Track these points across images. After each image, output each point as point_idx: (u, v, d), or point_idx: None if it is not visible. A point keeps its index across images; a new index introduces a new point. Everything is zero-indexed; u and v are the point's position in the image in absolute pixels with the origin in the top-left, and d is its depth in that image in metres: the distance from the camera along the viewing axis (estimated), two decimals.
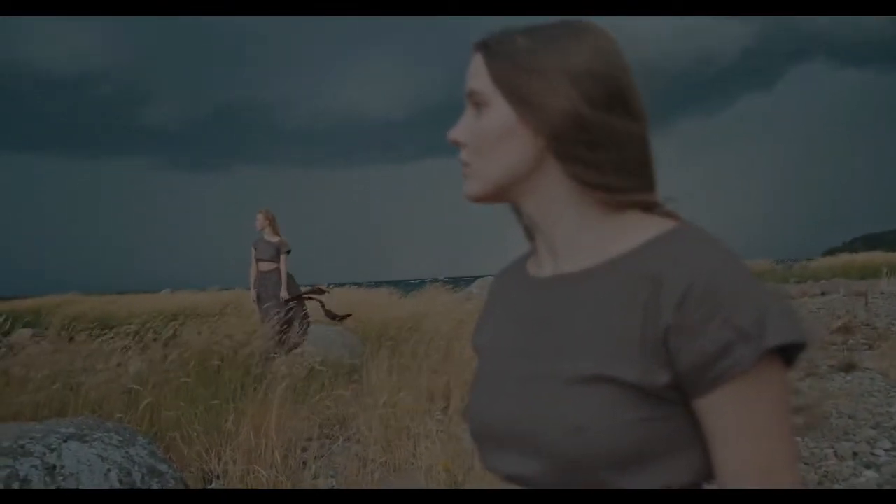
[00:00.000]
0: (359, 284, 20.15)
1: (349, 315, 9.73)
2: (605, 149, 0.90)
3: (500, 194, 0.96)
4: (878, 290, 16.93)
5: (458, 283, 21.36)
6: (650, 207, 0.94)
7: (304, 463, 4.62)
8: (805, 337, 0.83)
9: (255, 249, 9.16)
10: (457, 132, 0.97)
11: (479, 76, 0.95)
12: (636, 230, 0.92)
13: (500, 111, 0.93)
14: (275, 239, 9.13)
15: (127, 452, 3.34)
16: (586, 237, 0.94)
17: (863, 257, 28.41)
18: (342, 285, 20.26)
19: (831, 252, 41.63)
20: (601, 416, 0.84)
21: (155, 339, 7.75)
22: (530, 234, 1.04)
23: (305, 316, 9.05)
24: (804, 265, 30.07)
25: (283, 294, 8.94)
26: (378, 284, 21.43)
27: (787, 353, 0.83)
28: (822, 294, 18.41)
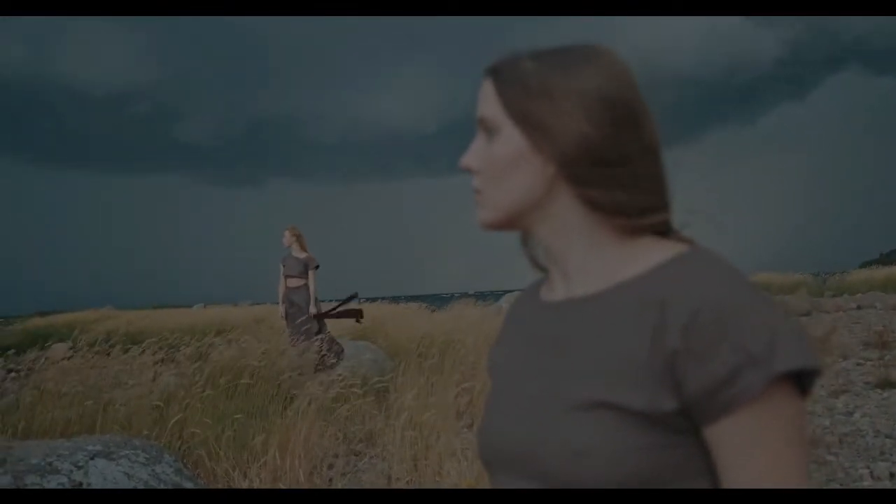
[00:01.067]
0: (385, 298, 20.20)
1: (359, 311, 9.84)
2: (617, 175, 0.89)
3: (513, 221, 0.96)
4: None
5: (487, 297, 21.36)
6: (664, 232, 0.93)
7: (331, 480, 4.62)
8: (817, 363, 0.81)
9: (284, 266, 9.23)
10: (469, 159, 0.96)
11: (489, 102, 0.94)
12: (647, 254, 0.91)
13: (512, 138, 0.92)
14: (303, 255, 9.20)
15: (153, 470, 3.37)
16: (598, 262, 0.93)
17: None
18: (374, 300, 20.34)
19: (868, 264, 40.91)
20: (605, 441, 0.82)
21: (186, 356, 7.83)
22: (535, 262, 1.03)
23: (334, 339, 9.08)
24: (840, 278, 29.52)
25: (312, 310, 8.99)
26: (409, 299, 21.48)
27: (801, 380, 0.81)
28: (858, 308, 18.09)
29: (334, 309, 9.53)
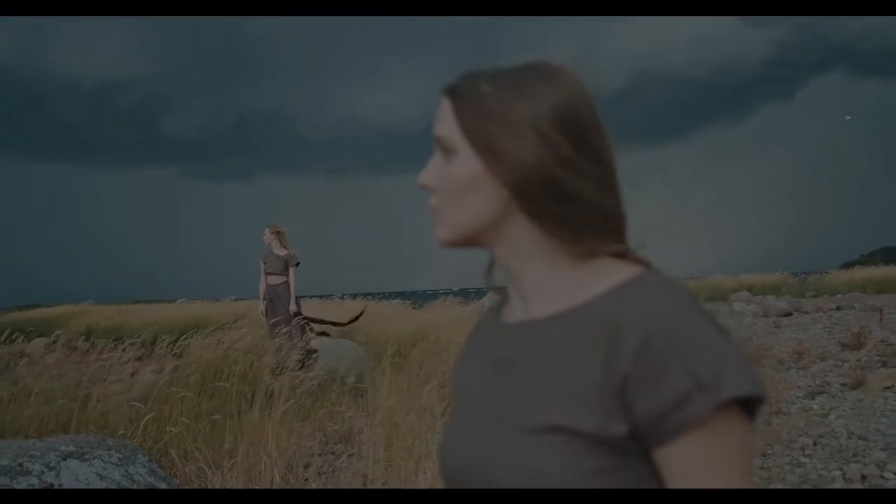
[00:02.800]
0: (370, 295, 20.20)
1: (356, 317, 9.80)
2: (571, 199, 0.89)
3: (470, 240, 0.96)
4: (895, 306, 16.74)
5: (471, 295, 21.39)
6: (621, 254, 0.94)
7: (306, 480, 4.61)
8: (762, 391, 0.82)
9: (265, 263, 9.22)
10: (426, 177, 0.96)
11: (447, 122, 0.94)
12: (603, 276, 0.91)
13: (468, 160, 0.92)
14: (283, 252, 9.18)
15: (126, 471, 3.35)
16: (554, 283, 0.93)
17: (881, 271, 28.00)
18: (355, 296, 20.30)
19: (848, 265, 41.19)
20: (559, 465, 0.83)
21: (165, 353, 7.79)
22: (492, 283, 1.03)
23: (313, 332, 9.08)
24: (820, 278, 29.75)
25: (293, 307, 8.98)
26: (395, 296, 21.47)
27: (749, 406, 0.82)
28: (837, 308, 18.24)
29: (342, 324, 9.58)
